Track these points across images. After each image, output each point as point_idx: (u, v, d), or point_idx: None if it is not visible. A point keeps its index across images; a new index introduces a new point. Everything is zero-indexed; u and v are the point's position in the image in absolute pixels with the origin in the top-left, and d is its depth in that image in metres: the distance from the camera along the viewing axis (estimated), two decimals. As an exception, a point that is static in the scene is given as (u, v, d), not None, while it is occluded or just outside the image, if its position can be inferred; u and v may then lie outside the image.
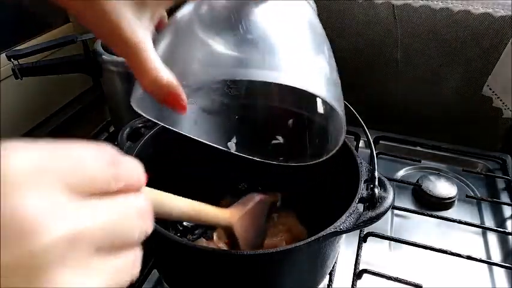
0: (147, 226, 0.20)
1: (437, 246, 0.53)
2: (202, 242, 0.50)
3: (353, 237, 0.55)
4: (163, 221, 0.34)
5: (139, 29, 0.27)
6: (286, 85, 0.29)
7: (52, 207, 0.16)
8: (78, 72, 0.67)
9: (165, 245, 0.37)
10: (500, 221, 0.62)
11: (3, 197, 0.15)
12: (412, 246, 0.54)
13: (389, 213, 0.62)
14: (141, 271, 0.50)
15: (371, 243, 0.56)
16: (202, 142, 0.54)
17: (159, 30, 0.32)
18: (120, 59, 0.62)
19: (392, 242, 0.57)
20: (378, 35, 0.72)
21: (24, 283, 0.15)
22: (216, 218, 0.36)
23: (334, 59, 0.34)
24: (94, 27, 0.27)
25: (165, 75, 0.28)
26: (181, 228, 0.54)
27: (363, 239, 0.55)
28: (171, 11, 0.33)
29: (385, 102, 0.79)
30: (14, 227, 0.15)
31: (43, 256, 0.15)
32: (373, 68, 0.76)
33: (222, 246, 0.48)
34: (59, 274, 0.15)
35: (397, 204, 0.62)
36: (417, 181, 0.66)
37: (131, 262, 0.19)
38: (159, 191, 0.27)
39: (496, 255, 0.56)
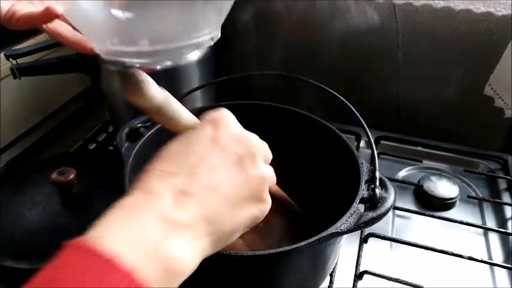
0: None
1: (439, 247, 0.53)
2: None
3: (354, 238, 0.55)
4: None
5: None
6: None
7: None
8: (76, 71, 0.67)
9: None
10: (502, 221, 0.61)
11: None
12: (413, 247, 0.54)
13: (390, 213, 0.62)
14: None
15: (372, 244, 0.55)
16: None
17: None
18: (119, 58, 0.61)
19: (393, 242, 0.56)
20: (379, 34, 0.71)
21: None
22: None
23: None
24: None
25: None
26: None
27: (363, 240, 0.55)
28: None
29: (386, 101, 0.78)
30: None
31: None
32: (374, 68, 0.75)
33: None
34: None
35: (398, 204, 0.62)
36: (418, 181, 0.65)
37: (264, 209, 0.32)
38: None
39: (498, 256, 0.56)
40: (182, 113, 0.33)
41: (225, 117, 0.32)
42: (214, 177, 0.28)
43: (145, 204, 0.25)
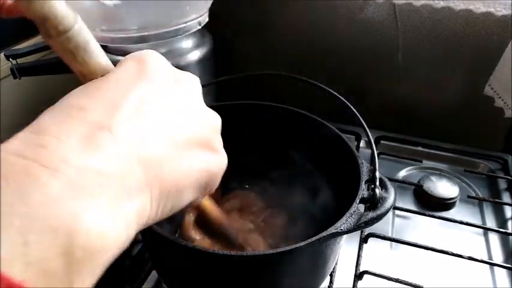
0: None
1: (439, 247, 0.52)
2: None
3: (354, 238, 0.55)
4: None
5: None
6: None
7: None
8: (76, 71, 0.66)
9: (163, 245, 0.37)
10: (502, 221, 0.61)
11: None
12: (413, 247, 0.54)
13: (390, 213, 0.62)
14: (141, 272, 0.50)
15: (372, 244, 0.55)
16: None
17: None
18: (119, 58, 0.61)
19: (393, 242, 0.56)
20: (379, 34, 0.71)
21: None
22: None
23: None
24: None
25: None
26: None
27: (363, 240, 0.55)
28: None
29: (386, 101, 0.78)
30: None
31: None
32: (374, 68, 0.75)
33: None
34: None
35: (398, 204, 0.61)
36: (418, 181, 0.65)
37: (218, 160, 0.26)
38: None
39: (498, 256, 0.56)
40: (97, 52, 0.24)
41: (151, 52, 0.25)
42: (145, 113, 0.21)
43: (35, 152, 0.17)
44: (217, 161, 0.25)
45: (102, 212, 0.17)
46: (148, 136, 0.20)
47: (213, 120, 0.26)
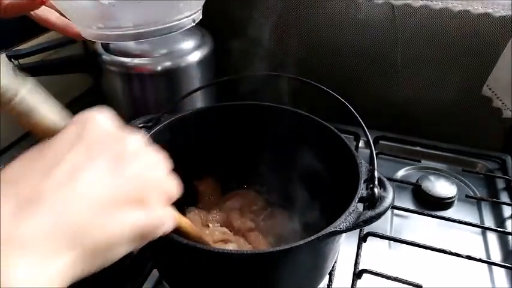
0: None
1: (437, 246, 0.53)
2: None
3: (353, 237, 0.55)
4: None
5: None
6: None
7: None
8: (78, 72, 0.67)
9: (165, 244, 0.37)
10: (500, 221, 0.62)
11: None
12: (411, 246, 0.54)
13: (389, 213, 0.62)
14: (141, 271, 0.50)
15: (371, 243, 0.56)
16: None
17: None
18: (120, 58, 0.62)
19: (392, 241, 0.57)
20: (378, 35, 0.72)
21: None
22: None
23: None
24: None
25: None
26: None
27: (362, 239, 0.55)
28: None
29: (384, 102, 0.79)
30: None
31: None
32: (373, 68, 0.76)
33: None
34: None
35: (396, 204, 0.62)
36: (417, 181, 0.66)
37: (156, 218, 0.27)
38: None
39: (496, 255, 0.56)
40: (43, 115, 0.28)
41: (95, 114, 0.27)
42: (74, 178, 0.23)
43: None
44: (149, 216, 0.26)
45: (29, 268, 0.20)
46: (73, 202, 0.22)
47: (151, 177, 0.27)
